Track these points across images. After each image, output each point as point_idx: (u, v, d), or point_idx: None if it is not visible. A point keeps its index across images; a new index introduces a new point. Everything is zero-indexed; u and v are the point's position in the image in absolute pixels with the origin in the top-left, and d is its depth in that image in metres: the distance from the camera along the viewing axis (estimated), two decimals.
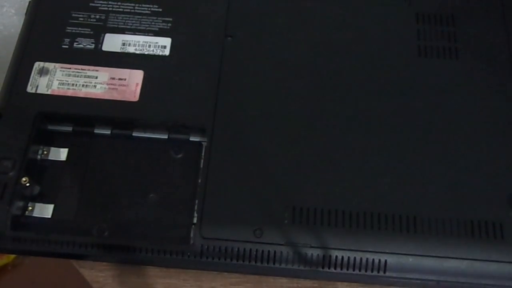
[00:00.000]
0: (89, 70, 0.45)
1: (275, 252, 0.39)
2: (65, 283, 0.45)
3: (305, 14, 0.47)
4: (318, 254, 0.39)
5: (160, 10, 0.48)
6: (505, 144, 0.42)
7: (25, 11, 0.48)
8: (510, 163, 0.42)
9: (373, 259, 0.39)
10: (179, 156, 0.43)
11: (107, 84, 0.45)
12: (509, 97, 0.44)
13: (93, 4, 0.48)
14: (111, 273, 0.44)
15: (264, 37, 0.46)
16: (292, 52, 0.46)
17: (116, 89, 0.44)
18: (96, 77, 0.45)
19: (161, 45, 0.46)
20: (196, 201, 0.41)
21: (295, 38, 0.46)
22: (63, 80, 0.45)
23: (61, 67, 0.45)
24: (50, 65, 0.45)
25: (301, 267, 0.39)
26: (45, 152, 0.43)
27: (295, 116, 0.43)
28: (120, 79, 0.45)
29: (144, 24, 0.47)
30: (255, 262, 0.39)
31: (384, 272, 0.39)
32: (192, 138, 0.44)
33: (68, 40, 0.46)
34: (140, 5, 0.48)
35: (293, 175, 0.41)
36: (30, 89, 0.44)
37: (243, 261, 0.39)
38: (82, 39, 0.46)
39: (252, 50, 0.46)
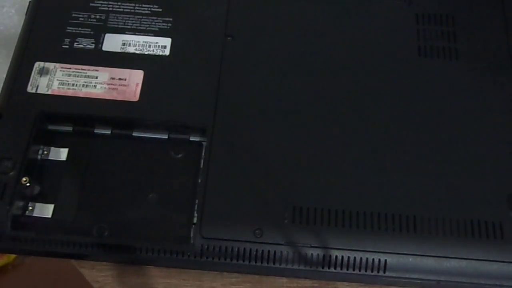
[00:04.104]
0: (89, 70, 0.45)
1: (275, 252, 0.39)
2: (65, 283, 0.46)
3: (305, 14, 0.47)
4: (318, 254, 0.39)
5: (160, 10, 0.48)
6: (505, 144, 0.42)
7: (25, 11, 0.48)
8: (510, 163, 0.42)
9: (373, 259, 0.39)
10: (179, 156, 0.43)
11: (107, 84, 0.45)
12: (509, 97, 0.44)
13: (93, 4, 0.48)
14: (111, 273, 0.45)
15: (264, 37, 0.46)
16: (292, 52, 0.46)
17: (116, 89, 0.44)
18: (96, 77, 0.45)
19: (161, 45, 0.46)
20: (196, 201, 0.41)
21: (295, 38, 0.46)
22: (63, 80, 0.45)
23: (61, 67, 0.45)
24: (50, 65, 0.45)
25: (301, 267, 0.39)
26: (46, 152, 0.43)
27: (295, 116, 0.43)
28: (120, 79, 0.45)
29: (144, 24, 0.47)
30: (255, 262, 0.39)
31: (384, 272, 0.39)
32: (192, 138, 0.44)
33: (68, 40, 0.46)
34: (140, 5, 0.48)
35: (293, 175, 0.41)
36: (30, 89, 0.44)
37: (243, 261, 0.39)
38: (82, 39, 0.46)
39: (252, 50, 0.46)
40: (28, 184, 0.41)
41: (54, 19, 0.47)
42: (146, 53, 0.46)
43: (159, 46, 0.46)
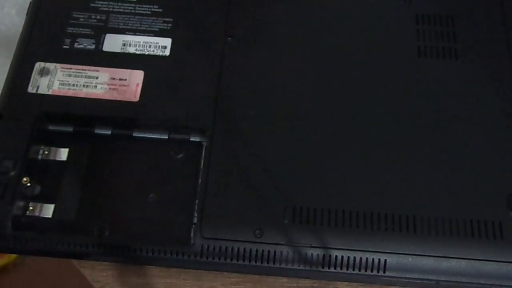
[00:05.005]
0: (89, 70, 0.45)
1: (275, 252, 0.39)
2: (65, 283, 0.46)
3: (305, 15, 0.48)
4: (318, 254, 0.39)
5: (161, 10, 0.48)
6: (505, 144, 0.42)
7: (26, 11, 0.49)
8: (510, 163, 0.42)
9: (373, 259, 0.39)
10: (180, 156, 0.43)
11: (108, 84, 0.45)
12: (509, 97, 0.44)
13: (93, 5, 0.48)
14: (111, 272, 0.45)
15: (264, 37, 0.46)
16: (292, 52, 0.46)
17: (117, 89, 0.44)
18: (97, 78, 0.45)
19: (161, 45, 0.46)
20: (196, 201, 0.41)
21: (295, 38, 0.46)
22: (63, 81, 0.45)
23: (62, 68, 0.45)
24: (51, 66, 0.45)
25: (301, 267, 0.40)
26: (46, 152, 0.43)
27: (295, 116, 0.43)
28: (120, 79, 0.45)
29: (145, 24, 0.47)
30: (255, 262, 0.39)
31: (384, 272, 0.39)
32: (192, 138, 0.44)
33: (69, 40, 0.46)
34: (141, 6, 0.48)
35: (293, 175, 0.41)
36: (31, 89, 0.44)
37: (243, 261, 0.39)
38: (83, 39, 0.46)
39: (252, 50, 0.46)
40: (28, 184, 0.41)
41: (54, 20, 0.47)
42: (147, 53, 0.46)
43: (159, 46, 0.46)
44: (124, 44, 0.46)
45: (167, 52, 0.46)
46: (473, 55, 0.46)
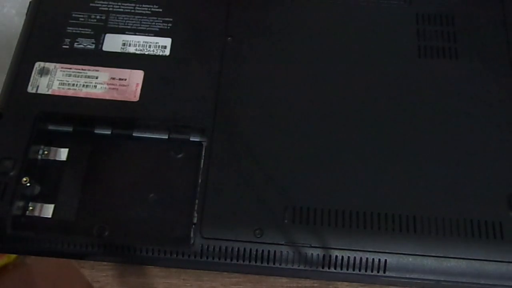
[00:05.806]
0: (89, 70, 0.45)
1: (275, 252, 0.39)
2: (65, 283, 0.46)
3: (305, 14, 0.48)
4: (318, 254, 0.39)
5: (160, 10, 0.48)
6: (505, 144, 0.42)
7: (26, 11, 0.49)
8: (510, 163, 0.42)
9: (373, 259, 0.39)
10: (180, 156, 0.43)
11: (108, 84, 0.45)
12: (509, 97, 0.44)
13: (93, 4, 0.48)
14: (111, 273, 0.45)
15: (264, 37, 0.46)
16: (292, 52, 0.46)
17: (117, 89, 0.44)
18: (97, 77, 0.45)
19: (161, 45, 0.46)
20: (196, 201, 0.41)
21: (295, 38, 0.46)
22: (63, 80, 0.45)
23: (62, 67, 0.45)
24: (50, 65, 0.45)
25: (301, 267, 0.40)
26: (46, 152, 0.43)
27: (295, 116, 0.43)
28: (120, 79, 0.45)
29: (145, 24, 0.47)
30: (255, 262, 0.39)
31: (384, 272, 0.39)
32: (192, 138, 0.44)
33: (69, 40, 0.46)
34: (141, 5, 0.48)
35: (293, 175, 0.41)
36: (30, 89, 0.44)
37: (243, 261, 0.39)
38: (83, 39, 0.46)
39: (252, 50, 0.46)
40: (28, 184, 0.41)
41: (54, 19, 0.47)
42: (146, 53, 0.46)
43: (159, 46, 0.46)
44: (124, 44, 0.46)
45: (167, 52, 0.46)
46: (473, 55, 0.46)
